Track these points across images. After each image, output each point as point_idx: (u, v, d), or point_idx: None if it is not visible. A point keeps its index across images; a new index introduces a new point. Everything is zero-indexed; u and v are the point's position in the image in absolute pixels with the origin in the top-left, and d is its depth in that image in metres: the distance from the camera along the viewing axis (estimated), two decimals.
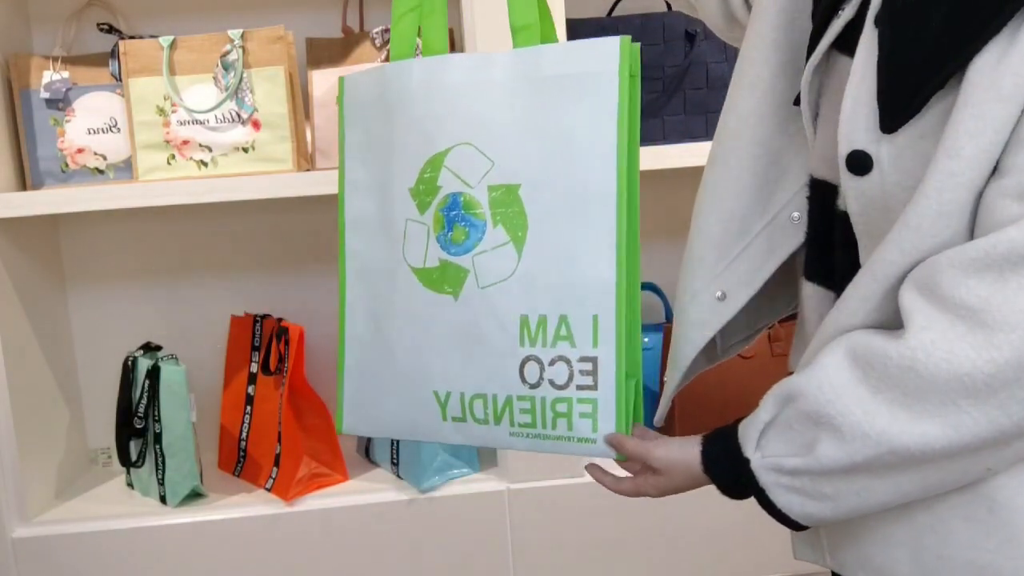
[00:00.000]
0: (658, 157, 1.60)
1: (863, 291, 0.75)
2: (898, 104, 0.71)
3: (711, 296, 0.90)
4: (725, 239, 0.90)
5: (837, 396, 0.74)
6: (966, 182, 0.68)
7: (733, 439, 0.82)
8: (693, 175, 0.98)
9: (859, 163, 0.74)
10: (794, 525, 0.80)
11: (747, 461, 0.80)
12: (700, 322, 0.92)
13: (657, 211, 1.73)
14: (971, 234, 0.70)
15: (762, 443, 0.80)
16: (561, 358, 0.91)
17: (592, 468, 0.97)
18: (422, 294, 0.97)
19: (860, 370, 0.73)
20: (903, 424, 0.70)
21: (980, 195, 0.69)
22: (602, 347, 0.90)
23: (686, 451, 0.86)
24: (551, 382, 0.92)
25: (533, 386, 0.93)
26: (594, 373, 0.90)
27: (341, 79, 1.00)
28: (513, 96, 0.92)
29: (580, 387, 0.91)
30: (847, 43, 0.78)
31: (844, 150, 0.75)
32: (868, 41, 0.74)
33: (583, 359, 0.91)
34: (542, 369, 0.92)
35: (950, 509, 0.75)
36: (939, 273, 0.69)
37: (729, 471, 0.82)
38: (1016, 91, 0.66)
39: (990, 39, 0.66)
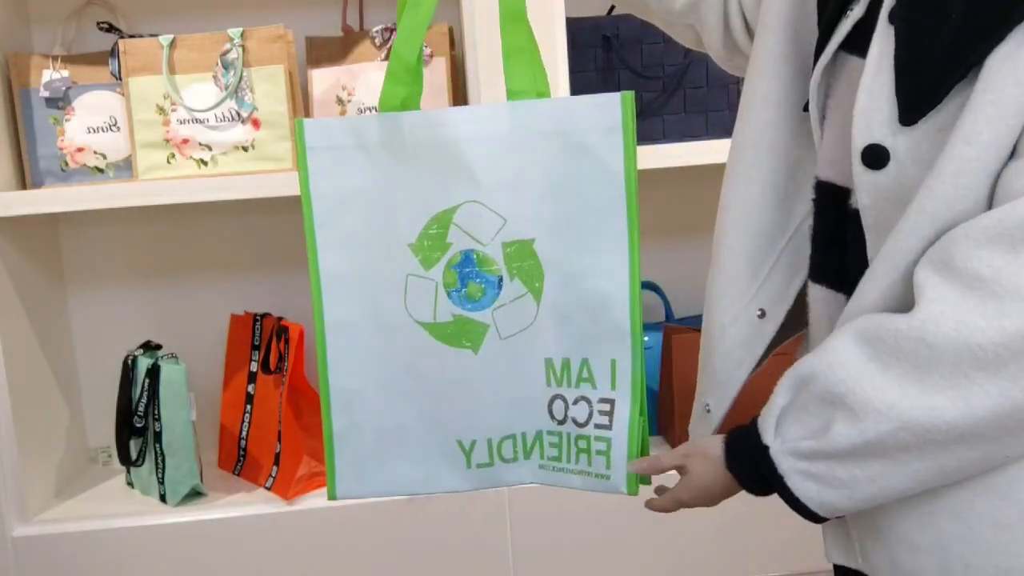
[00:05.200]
0: (658, 156, 1.59)
1: (882, 281, 0.75)
2: (918, 97, 0.72)
3: (752, 315, 0.91)
4: (756, 255, 0.90)
5: (848, 374, 0.74)
6: (982, 167, 0.69)
7: (753, 429, 0.82)
8: (693, 174, 0.99)
9: (876, 157, 0.75)
10: (814, 517, 0.80)
11: (766, 448, 0.80)
12: (746, 342, 0.92)
13: (657, 210, 1.73)
14: None
15: (780, 429, 0.80)
16: (583, 398, 0.95)
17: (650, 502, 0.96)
18: (436, 348, 0.96)
19: (870, 347, 0.73)
20: (913, 398, 0.71)
21: (996, 179, 0.70)
22: (619, 389, 0.94)
23: (710, 445, 0.87)
24: (574, 420, 0.96)
25: (560, 422, 0.97)
26: (610, 414, 0.94)
27: (299, 121, 0.95)
28: (518, 151, 0.91)
29: (598, 426, 0.95)
30: (856, 43, 0.78)
31: (860, 144, 0.75)
32: (882, 37, 0.75)
33: (602, 400, 0.95)
34: (567, 407, 0.96)
35: (978, 518, 0.74)
36: (953, 246, 0.70)
37: (749, 460, 0.82)
38: None
39: (1012, 29, 0.67)
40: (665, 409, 1.78)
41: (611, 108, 0.91)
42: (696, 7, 0.99)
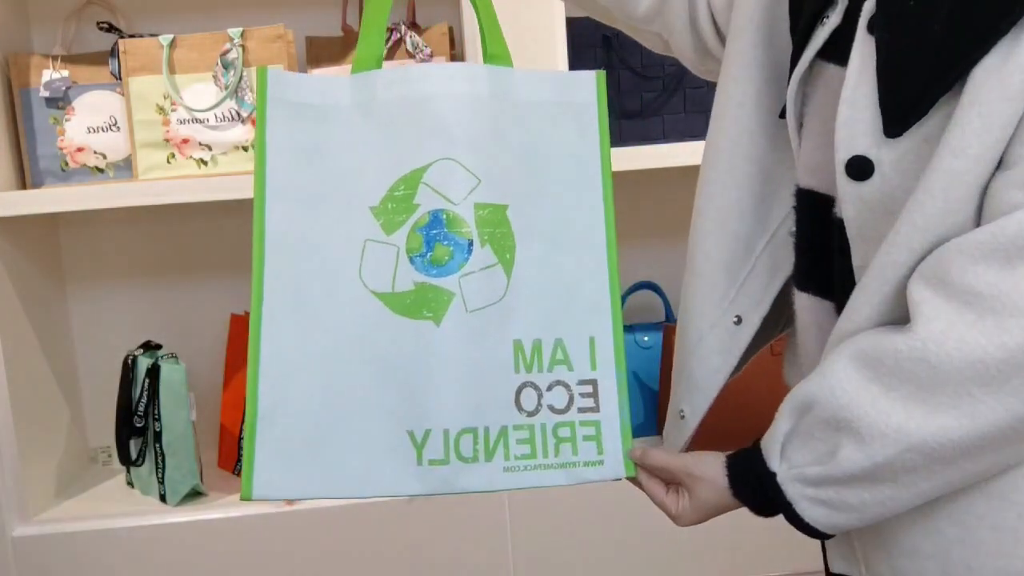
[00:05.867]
0: (658, 156, 1.59)
1: (874, 296, 0.74)
2: (903, 109, 0.71)
3: (729, 321, 0.90)
4: (733, 262, 0.89)
5: (851, 399, 0.73)
6: (971, 180, 0.68)
7: (757, 454, 0.81)
8: (693, 174, 0.98)
9: (859, 169, 0.74)
10: (821, 536, 0.80)
11: (773, 475, 0.79)
12: (723, 349, 0.91)
13: (657, 210, 1.73)
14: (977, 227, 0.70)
15: (786, 454, 0.79)
16: (559, 382, 0.90)
17: (645, 479, 0.90)
18: (391, 321, 0.87)
19: (870, 369, 0.73)
20: (919, 419, 0.70)
21: (985, 190, 0.69)
22: (600, 368, 0.90)
23: (711, 469, 0.84)
24: (550, 407, 0.89)
25: (531, 413, 0.89)
26: (595, 395, 0.90)
27: (262, 69, 0.89)
28: (494, 115, 0.89)
29: (582, 409, 0.90)
30: (833, 51, 0.78)
31: (844, 156, 0.75)
32: (863, 47, 0.74)
33: (582, 382, 0.90)
34: (539, 395, 0.89)
35: (978, 520, 0.74)
36: (947, 261, 0.70)
37: (756, 487, 0.81)
38: (1023, 88, 0.66)
39: (997, 41, 0.67)
40: (665, 409, 1.77)
41: (587, 84, 0.91)
42: (660, 13, 0.97)
